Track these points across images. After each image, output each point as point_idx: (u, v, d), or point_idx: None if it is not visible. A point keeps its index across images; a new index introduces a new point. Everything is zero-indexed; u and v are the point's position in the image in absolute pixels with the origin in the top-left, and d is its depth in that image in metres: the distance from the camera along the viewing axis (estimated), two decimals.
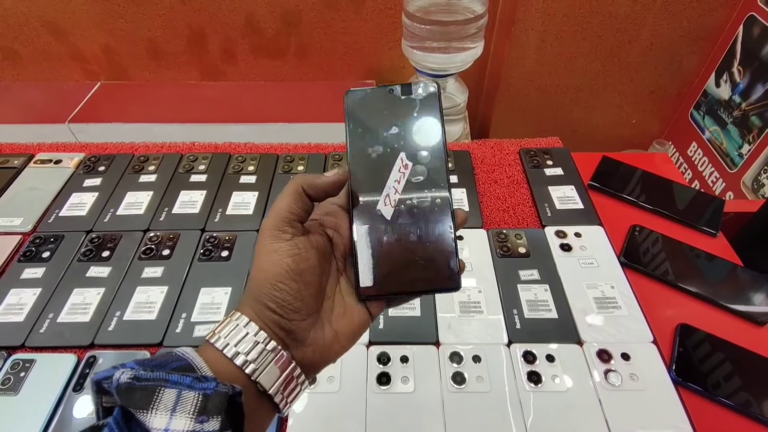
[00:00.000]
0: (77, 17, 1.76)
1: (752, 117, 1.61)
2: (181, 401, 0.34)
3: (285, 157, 1.14)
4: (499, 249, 0.93)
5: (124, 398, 0.33)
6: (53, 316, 0.83)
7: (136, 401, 0.33)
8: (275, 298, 0.41)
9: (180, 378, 0.35)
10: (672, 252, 0.95)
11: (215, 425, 0.34)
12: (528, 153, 1.15)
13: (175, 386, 0.34)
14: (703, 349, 0.79)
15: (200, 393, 0.34)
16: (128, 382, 0.34)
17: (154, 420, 0.33)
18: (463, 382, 0.75)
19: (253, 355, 0.39)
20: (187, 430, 0.33)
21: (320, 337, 0.43)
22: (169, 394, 0.34)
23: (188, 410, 0.33)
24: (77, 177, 1.10)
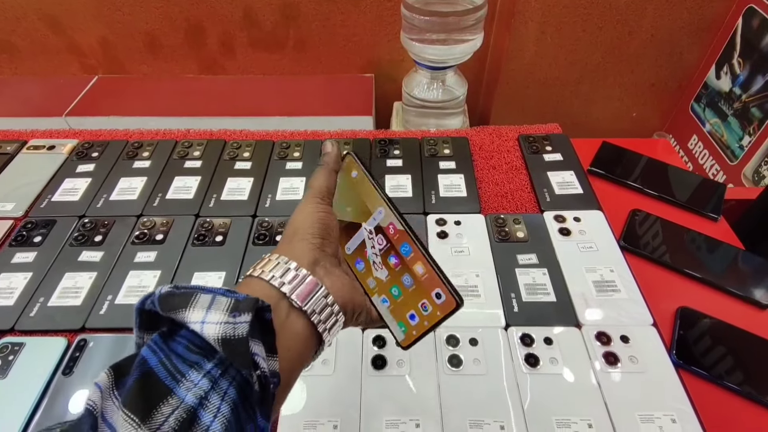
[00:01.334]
0: (75, 10, 1.75)
1: (752, 109, 1.60)
2: (216, 302, 0.37)
3: (281, 143, 1.13)
4: (497, 234, 0.92)
5: (164, 304, 0.36)
6: (44, 299, 0.82)
7: (175, 304, 0.36)
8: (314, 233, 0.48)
9: (214, 288, 0.38)
10: (672, 236, 0.94)
11: (246, 318, 0.36)
12: (527, 139, 1.14)
13: (210, 292, 0.38)
14: (704, 332, 0.78)
15: (232, 298, 0.37)
16: (169, 291, 0.37)
17: (191, 315, 0.36)
18: (460, 365, 0.73)
19: (287, 278, 0.43)
20: (221, 321, 0.36)
21: (345, 274, 0.49)
22: (205, 297, 0.37)
23: (222, 308, 0.36)
24: (70, 163, 1.09)
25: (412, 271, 0.48)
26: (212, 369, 0.35)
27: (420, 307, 0.48)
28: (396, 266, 0.50)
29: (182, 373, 0.35)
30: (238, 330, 0.35)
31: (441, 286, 0.47)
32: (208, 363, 0.35)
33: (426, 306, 0.47)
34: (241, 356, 0.35)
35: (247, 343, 0.36)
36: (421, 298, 0.48)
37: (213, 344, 0.35)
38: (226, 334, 0.35)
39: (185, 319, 0.36)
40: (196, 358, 0.36)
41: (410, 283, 0.49)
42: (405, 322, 0.49)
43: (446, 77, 1.61)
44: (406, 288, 0.49)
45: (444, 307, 0.46)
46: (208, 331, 0.35)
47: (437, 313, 0.47)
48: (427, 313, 0.48)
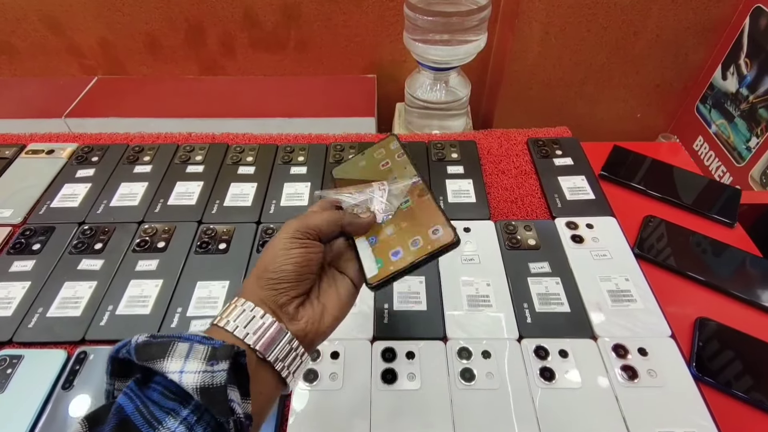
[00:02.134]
0: (74, 10, 1.73)
1: (760, 110, 1.58)
2: (194, 350, 0.38)
3: (285, 147, 1.11)
4: (508, 241, 0.90)
5: (141, 353, 0.37)
6: (43, 310, 0.80)
7: (153, 353, 0.37)
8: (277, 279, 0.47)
9: (190, 336, 0.40)
10: (688, 243, 0.92)
11: (224, 366, 0.38)
12: (536, 143, 1.11)
13: (187, 341, 0.39)
14: (723, 343, 0.76)
15: (209, 346, 0.39)
16: (146, 340, 0.39)
17: (170, 365, 0.37)
18: (472, 379, 0.71)
19: (251, 328, 0.44)
20: (200, 370, 0.37)
21: (309, 311, 0.48)
22: (183, 346, 0.38)
23: (200, 357, 0.37)
24: (70, 167, 1.07)
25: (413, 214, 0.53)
26: (188, 415, 0.37)
27: (410, 244, 0.50)
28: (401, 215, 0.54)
29: (159, 420, 0.36)
30: (216, 378, 0.37)
31: (441, 222, 0.50)
32: (184, 409, 0.37)
33: (417, 242, 0.50)
34: (219, 404, 0.37)
35: (225, 392, 0.37)
36: (414, 236, 0.51)
37: (191, 393, 0.36)
38: (205, 383, 0.36)
39: (163, 369, 0.37)
40: (172, 405, 0.37)
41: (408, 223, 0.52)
42: (384, 259, 0.51)
43: (449, 78, 1.59)
44: (401, 227, 0.52)
45: (438, 240, 0.49)
46: (186, 381, 0.36)
47: (428, 248, 0.49)
48: (416, 248, 0.50)
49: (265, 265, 0.47)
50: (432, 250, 0.49)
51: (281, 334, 0.45)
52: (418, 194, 0.55)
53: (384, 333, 0.77)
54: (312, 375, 0.72)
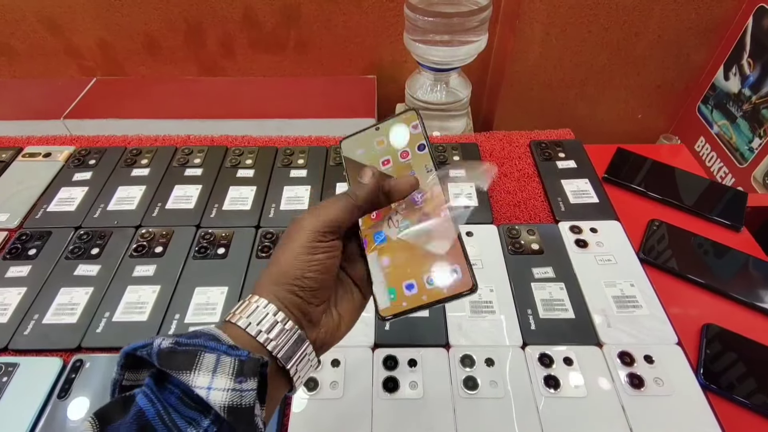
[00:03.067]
0: (73, 11, 1.72)
1: (763, 110, 1.57)
2: (221, 364, 0.37)
3: (284, 150, 1.09)
4: (511, 246, 0.89)
5: (165, 361, 0.36)
6: (38, 317, 0.79)
7: (179, 363, 0.36)
8: (303, 285, 0.43)
9: (217, 345, 0.38)
10: (693, 247, 0.90)
11: (253, 385, 0.37)
12: (539, 145, 1.10)
13: (214, 351, 0.37)
14: (732, 351, 0.74)
15: (236, 358, 0.37)
16: (170, 347, 0.36)
17: (197, 379, 0.35)
18: (476, 388, 0.70)
19: (273, 334, 0.42)
20: (228, 387, 0.36)
21: (330, 320, 0.47)
22: (209, 358, 0.37)
23: (227, 372, 0.36)
24: (67, 171, 1.05)
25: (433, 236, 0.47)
26: (209, 426, 0.36)
27: (425, 280, 0.45)
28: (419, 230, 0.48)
29: (180, 429, 0.35)
30: (245, 399, 0.36)
31: (462, 263, 0.45)
32: (205, 420, 0.36)
33: (432, 280, 0.45)
34: (246, 424, 0.36)
35: (252, 412, 0.37)
36: (430, 270, 0.46)
37: (218, 411, 0.35)
38: (233, 402, 0.36)
39: (190, 383, 0.35)
40: (193, 414, 0.36)
41: (425, 248, 0.47)
42: (398, 290, 0.46)
43: (450, 79, 1.58)
44: (416, 252, 0.47)
45: (455, 286, 0.44)
46: (214, 398, 0.35)
47: (443, 292, 0.44)
48: (431, 287, 0.45)
49: (284, 271, 0.44)
50: (448, 296, 0.44)
51: (302, 344, 0.43)
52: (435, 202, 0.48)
53: (385, 340, 0.76)
54: (312, 383, 0.70)
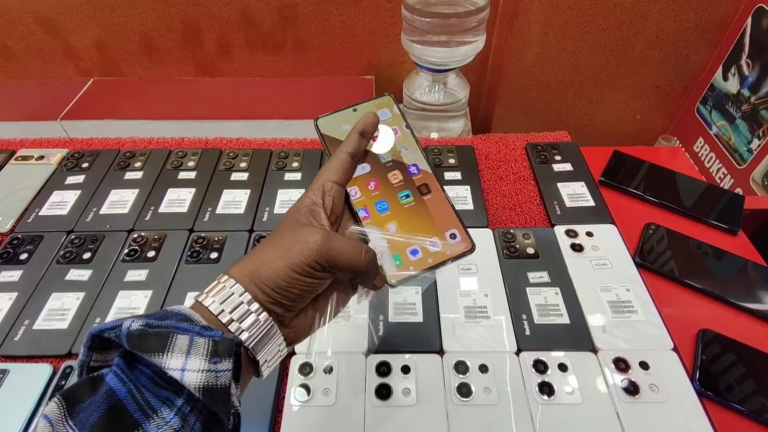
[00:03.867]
0: (70, 12, 1.72)
1: (762, 111, 1.56)
2: (194, 345, 0.36)
3: (279, 153, 1.09)
4: (506, 249, 0.88)
5: (136, 344, 0.35)
6: (29, 322, 0.78)
7: (150, 346, 0.35)
8: (286, 294, 0.43)
9: (189, 326, 0.37)
10: (690, 251, 0.90)
11: (228, 365, 0.36)
12: (535, 148, 1.10)
13: (186, 333, 0.37)
14: (728, 357, 0.74)
15: (210, 339, 0.37)
16: (141, 329, 0.36)
17: (170, 361, 0.35)
18: (469, 394, 0.69)
19: (246, 324, 0.41)
20: (203, 368, 0.35)
21: (303, 320, 0.46)
22: (182, 339, 0.36)
23: (201, 353, 0.36)
24: (59, 174, 1.05)
25: (428, 210, 0.50)
26: (183, 405, 0.35)
27: (428, 244, 0.49)
28: (410, 205, 0.51)
29: (154, 408, 0.34)
30: (220, 379, 0.36)
31: (458, 227, 0.49)
32: (179, 399, 0.35)
33: (436, 244, 0.48)
34: (222, 404, 0.36)
35: (228, 392, 0.36)
36: (431, 235, 0.49)
37: (193, 392, 0.35)
38: (209, 383, 0.35)
39: (163, 365, 0.35)
40: (166, 393, 0.35)
41: (421, 220, 0.50)
42: (402, 256, 0.48)
43: (448, 80, 1.58)
44: (415, 221, 0.50)
45: (455, 247, 0.48)
46: (189, 379, 0.35)
47: (446, 252, 0.48)
48: (435, 249, 0.48)
49: (272, 276, 0.42)
50: (451, 256, 0.48)
51: (274, 338, 0.43)
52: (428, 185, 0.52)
53: (379, 346, 0.75)
54: (305, 390, 0.70)
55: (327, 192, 0.47)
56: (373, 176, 0.52)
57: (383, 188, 0.51)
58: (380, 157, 0.53)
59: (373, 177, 0.52)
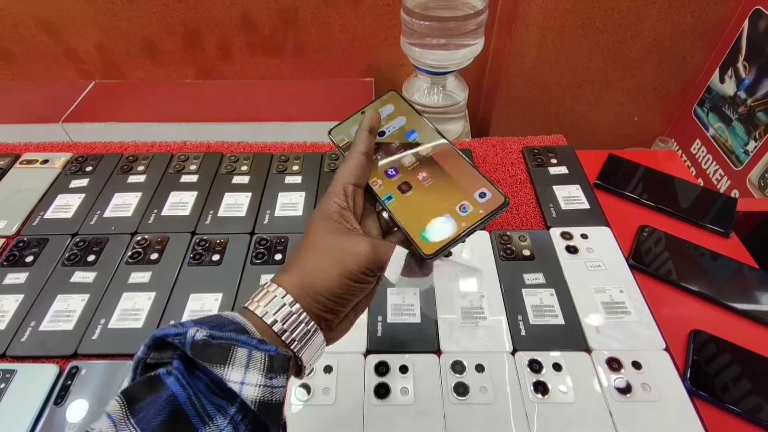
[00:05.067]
0: (71, 15, 1.73)
1: (758, 113, 1.57)
2: (252, 359, 0.38)
3: (280, 156, 1.10)
4: (503, 251, 0.90)
5: (200, 353, 0.37)
6: (35, 324, 0.80)
7: (212, 357, 0.37)
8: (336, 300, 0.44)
9: (248, 339, 0.39)
10: (682, 253, 0.91)
11: (282, 382, 0.38)
12: (531, 151, 1.11)
13: (246, 346, 0.38)
14: (719, 356, 0.75)
15: (266, 354, 0.38)
16: (204, 339, 0.37)
17: (231, 374, 0.36)
18: (466, 393, 0.71)
19: (297, 335, 0.42)
20: (260, 383, 0.37)
21: (344, 325, 0.49)
22: (242, 353, 0.37)
23: (258, 368, 0.37)
24: (64, 177, 1.06)
25: (452, 179, 0.51)
26: (235, 414, 0.37)
27: (458, 209, 0.49)
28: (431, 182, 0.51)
29: (210, 416, 0.36)
30: (275, 395, 0.38)
31: (487, 186, 0.49)
32: (232, 407, 0.37)
33: (466, 207, 0.49)
34: (274, 417, 0.38)
35: (281, 408, 0.38)
36: (461, 200, 0.49)
37: (250, 405, 0.36)
38: (265, 398, 0.37)
39: (224, 378, 0.36)
40: (220, 402, 0.37)
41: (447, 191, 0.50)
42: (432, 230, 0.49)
43: (447, 82, 1.58)
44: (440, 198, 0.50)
45: (489, 204, 0.48)
46: (247, 393, 0.36)
47: (480, 212, 0.48)
48: (466, 213, 0.48)
49: (322, 283, 0.44)
50: (486, 215, 0.48)
51: (320, 344, 0.45)
52: (436, 147, 0.53)
53: (377, 346, 0.77)
54: (304, 389, 0.71)
55: (349, 195, 0.48)
56: (390, 164, 0.53)
57: (402, 172, 0.52)
58: (391, 145, 0.55)
59: (390, 165, 0.53)
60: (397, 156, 0.54)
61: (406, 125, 0.56)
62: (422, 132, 0.55)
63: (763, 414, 0.69)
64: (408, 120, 0.56)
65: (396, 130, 0.56)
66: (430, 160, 0.52)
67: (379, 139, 0.55)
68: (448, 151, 0.53)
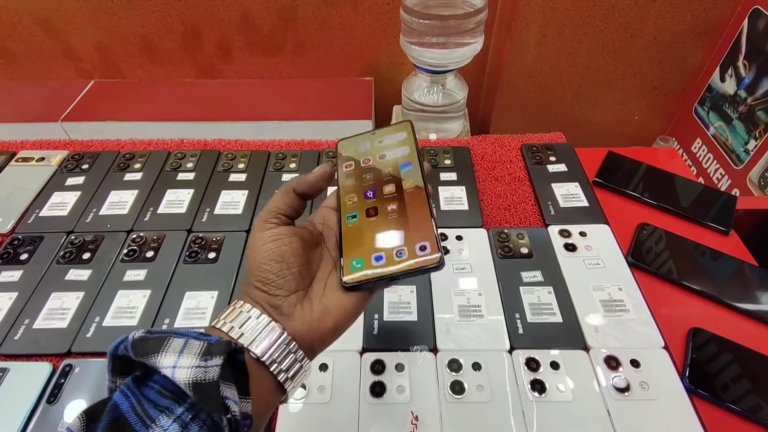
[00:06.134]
0: (70, 14, 1.72)
1: (758, 112, 1.56)
2: (188, 346, 0.37)
3: (276, 154, 1.10)
4: (500, 249, 0.89)
5: (136, 349, 0.37)
6: (29, 321, 0.79)
7: (148, 348, 0.37)
8: (260, 277, 0.45)
9: (187, 332, 0.39)
10: (682, 251, 0.91)
11: (218, 361, 0.37)
12: (530, 149, 1.10)
13: (183, 336, 0.38)
14: (718, 355, 0.75)
15: (205, 341, 0.38)
16: (142, 336, 0.38)
17: (163, 360, 0.36)
18: (462, 392, 0.70)
19: (246, 328, 0.42)
20: (193, 365, 0.36)
21: (308, 312, 0.45)
22: (178, 341, 0.38)
23: (194, 352, 0.37)
24: (59, 175, 1.06)
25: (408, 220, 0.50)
26: (183, 413, 0.36)
27: (395, 253, 0.48)
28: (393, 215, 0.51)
29: (152, 418, 0.35)
30: (209, 374, 0.36)
31: (431, 241, 0.47)
32: (179, 408, 0.36)
33: (402, 253, 0.47)
34: (212, 400, 0.35)
35: (218, 387, 0.36)
36: (401, 244, 0.48)
37: (184, 388, 0.35)
38: (197, 378, 0.35)
39: (157, 364, 0.36)
40: (167, 402, 0.36)
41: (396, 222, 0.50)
42: (366, 260, 0.48)
43: (446, 81, 1.58)
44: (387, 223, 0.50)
45: (423, 259, 0.46)
46: (179, 376, 0.35)
47: (410, 262, 0.46)
48: (399, 259, 0.47)
49: (250, 266, 0.46)
50: (416, 268, 0.46)
51: (276, 335, 0.42)
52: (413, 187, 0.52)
53: (373, 344, 0.76)
54: (300, 387, 0.71)
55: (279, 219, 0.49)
56: (374, 186, 0.54)
57: (378, 198, 0.53)
58: (384, 170, 0.55)
59: (373, 187, 0.54)
60: (383, 181, 0.54)
61: (406, 157, 0.56)
62: (414, 169, 0.54)
63: (762, 413, 0.69)
64: (409, 153, 0.57)
65: (396, 158, 0.56)
66: (404, 196, 0.52)
67: (379, 160, 0.57)
68: (420, 195, 0.51)
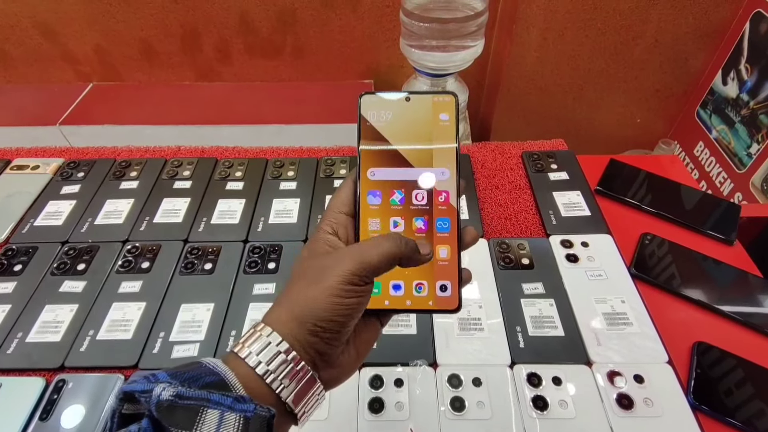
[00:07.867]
0: (69, 17, 1.72)
1: (761, 115, 1.55)
2: (224, 424, 0.34)
3: (274, 162, 1.09)
4: (501, 260, 0.88)
5: (165, 416, 0.33)
6: (22, 335, 0.78)
7: (178, 420, 0.33)
8: (327, 326, 0.40)
9: (221, 398, 0.35)
10: (686, 262, 0.89)
11: None
12: (531, 156, 1.09)
13: (217, 407, 0.34)
14: (723, 370, 0.73)
15: (241, 416, 0.34)
16: (170, 400, 0.34)
17: None
18: (463, 409, 0.69)
19: (285, 379, 0.39)
20: None
21: (346, 358, 0.43)
22: (212, 416, 0.34)
23: None
24: (55, 184, 1.05)
25: (434, 249, 0.45)
26: None
27: (414, 285, 0.45)
28: (419, 231, 0.45)
29: None
30: None
31: (453, 281, 0.44)
32: None
33: (421, 288, 0.44)
34: None
35: None
36: (423, 278, 0.45)
37: None
38: None
39: None
40: None
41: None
42: (384, 286, 0.45)
43: (447, 84, 1.57)
44: None
45: (441, 302, 0.44)
46: None
47: (429, 303, 0.44)
48: (418, 294, 0.44)
49: (309, 311, 0.40)
50: (432, 308, 0.44)
51: (313, 385, 0.40)
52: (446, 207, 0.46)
53: (372, 358, 0.74)
54: None
55: (340, 224, 0.45)
56: (401, 186, 0.46)
57: (405, 205, 0.46)
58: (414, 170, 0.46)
59: (400, 186, 0.46)
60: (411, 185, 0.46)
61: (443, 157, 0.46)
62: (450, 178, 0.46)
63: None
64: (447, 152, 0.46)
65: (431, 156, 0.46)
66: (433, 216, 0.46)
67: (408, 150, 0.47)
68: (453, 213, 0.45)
